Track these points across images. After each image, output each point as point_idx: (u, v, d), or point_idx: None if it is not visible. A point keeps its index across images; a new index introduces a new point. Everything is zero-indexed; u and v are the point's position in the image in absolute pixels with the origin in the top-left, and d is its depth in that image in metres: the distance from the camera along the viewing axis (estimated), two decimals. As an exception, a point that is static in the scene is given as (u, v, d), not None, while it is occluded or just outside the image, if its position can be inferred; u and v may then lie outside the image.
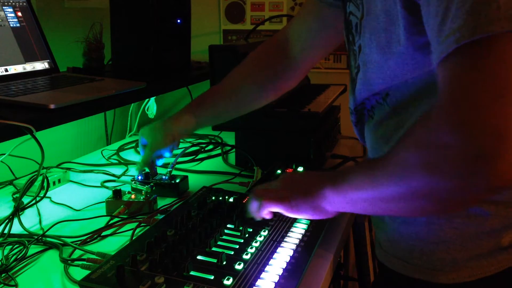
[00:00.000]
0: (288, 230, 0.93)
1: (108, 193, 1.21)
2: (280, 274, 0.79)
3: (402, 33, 0.73)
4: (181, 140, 1.29)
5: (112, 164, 1.55)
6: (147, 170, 1.26)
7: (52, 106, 1.06)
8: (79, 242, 0.99)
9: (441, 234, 0.79)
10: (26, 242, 0.96)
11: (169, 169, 1.26)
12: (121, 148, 1.72)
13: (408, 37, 0.72)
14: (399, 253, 0.85)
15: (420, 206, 0.68)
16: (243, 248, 0.86)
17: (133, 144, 1.77)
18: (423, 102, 0.77)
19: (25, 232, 1.05)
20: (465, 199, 0.64)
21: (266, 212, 0.90)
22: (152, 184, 1.21)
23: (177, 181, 1.25)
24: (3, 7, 1.31)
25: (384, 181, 0.69)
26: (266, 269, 0.80)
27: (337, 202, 0.80)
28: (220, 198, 1.06)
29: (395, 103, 0.81)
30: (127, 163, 1.55)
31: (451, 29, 0.59)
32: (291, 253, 0.86)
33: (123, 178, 1.41)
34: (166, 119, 1.21)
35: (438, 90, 0.63)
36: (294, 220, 0.97)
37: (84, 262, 0.89)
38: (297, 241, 0.90)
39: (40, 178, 1.11)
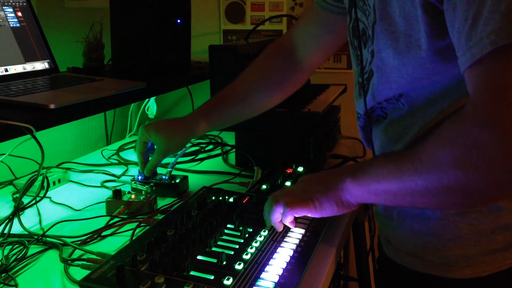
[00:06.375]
0: (288, 230, 0.93)
1: (108, 193, 1.21)
2: (280, 274, 0.79)
3: (424, 38, 0.73)
4: None
5: (112, 164, 1.55)
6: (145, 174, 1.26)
7: (52, 106, 1.06)
8: (79, 242, 0.99)
9: (455, 230, 0.79)
10: (26, 242, 0.96)
11: (169, 169, 1.26)
12: (121, 148, 1.72)
13: (429, 41, 0.73)
14: (411, 249, 0.85)
15: (449, 200, 0.69)
16: (243, 248, 0.86)
17: (133, 144, 1.76)
18: (438, 100, 0.78)
19: (25, 232, 1.05)
20: (496, 194, 0.66)
21: (290, 219, 0.88)
22: (152, 184, 1.21)
23: (177, 181, 1.25)
24: (3, 7, 1.31)
25: (412, 175, 0.69)
26: (266, 269, 0.80)
27: (359, 193, 0.80)
28: (220, 198, 1.06)
29: (410, 102, 0.82)
30: (127, 163, 1.55)
31: (485, 32, 0.60)
32: (291, 253, 0.86)
33: (123, 178, 1.41)
34: (176, 122, 1.20)
35: (471, 91, 0.64)
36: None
37: (84, 262, 0.89)
38: (297, 241, 0.90)
39: (40, 178, 1.11)
